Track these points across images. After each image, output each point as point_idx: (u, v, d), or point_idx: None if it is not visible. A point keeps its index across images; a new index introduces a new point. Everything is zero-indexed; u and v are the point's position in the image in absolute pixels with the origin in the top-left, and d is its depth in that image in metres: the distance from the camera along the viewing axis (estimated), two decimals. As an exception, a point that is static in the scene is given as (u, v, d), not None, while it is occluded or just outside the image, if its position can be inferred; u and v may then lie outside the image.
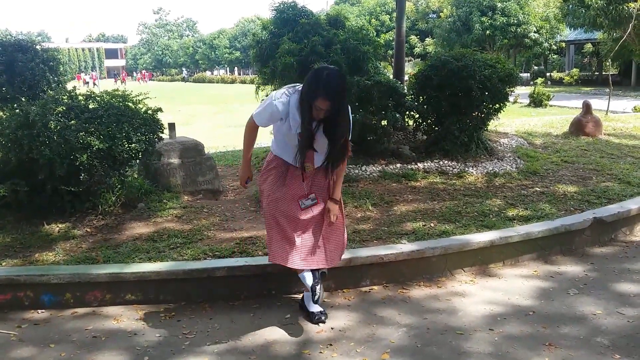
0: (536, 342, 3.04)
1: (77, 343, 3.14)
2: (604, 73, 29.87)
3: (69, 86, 6.34)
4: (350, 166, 6.00)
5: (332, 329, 3.23)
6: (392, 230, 4.43)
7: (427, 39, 34.11)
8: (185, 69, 78.00)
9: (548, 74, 34.42)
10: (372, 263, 3.77)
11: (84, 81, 50.35)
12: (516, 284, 3.82)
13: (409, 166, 6.24)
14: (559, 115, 13.35)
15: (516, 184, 5.83)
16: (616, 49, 17.73)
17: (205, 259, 3.87)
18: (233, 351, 3.02)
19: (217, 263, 3.72)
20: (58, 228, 4.56)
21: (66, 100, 4.82)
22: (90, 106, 4.79)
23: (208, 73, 74.79)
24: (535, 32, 28.07)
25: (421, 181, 5.89)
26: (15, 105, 5.30)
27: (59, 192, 4.55)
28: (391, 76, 7.51)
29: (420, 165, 6.28)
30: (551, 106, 17.16)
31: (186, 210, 5.09)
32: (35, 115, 4.39)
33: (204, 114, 20.54)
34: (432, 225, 4.53)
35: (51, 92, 6.65)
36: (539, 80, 22.40)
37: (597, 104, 13.45)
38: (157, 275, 3.58)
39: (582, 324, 3.24)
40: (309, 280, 3.18)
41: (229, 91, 38.37)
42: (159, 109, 5.14)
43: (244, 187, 3.62)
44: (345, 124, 3.04)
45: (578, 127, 8.85)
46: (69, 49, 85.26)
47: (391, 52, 26.96)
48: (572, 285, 3.78)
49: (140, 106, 5.02)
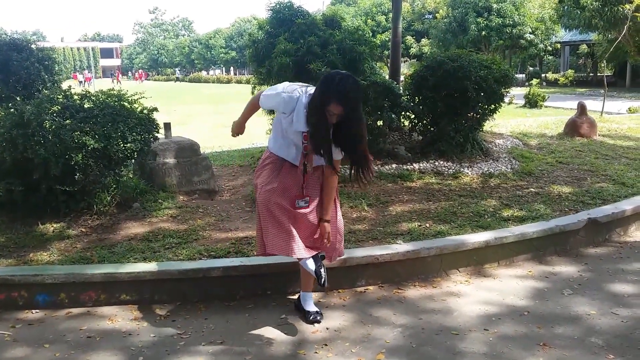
0: (531, 342, 3.05)
1: (71, 343, 3.13)
2: (598, 74, 30.00)
3: (65, 85, 6.31)
4: (346, 167, 5.98)
5: (327, 329, 3.23)
6: (387, 230, 4.44)
7: (423, 39, 34.20)
8: (178, 69, 77.57)
9: (543, 75, 34.54)
10: (367, 263, 3.77)
11: (79, 81, 50.20)
12: (511, 284, 3.83)
13: (404, 166, 6.25)
14: (554, 116, 13.38)
15: (511, 184, 5.85)
16: (611, 50, 17.78)
17: (201, 259, 3.87)
18: (228, 351, 3.02)
19: (213, 263, 3.72)
20: (53, 228, 4.55)
21: (61, 100, 4.80)
22: (86, 106, 4.79)
23: (204, 73, 74.69)
24: (530, 33, 28.21)
25: (417, 181, 5.90)
26: (10, 105, 5.28)
27: (54, 191, 4.53)
28: (387, 77, 7.52)
29: (416, 165, 6.29)
30: (546, 107, 17.21)
31: (182, 210, 5.08)
32: (30, 115, 4.38)
33: (199, 113, 20.50)
34: (427, 225, 4.54)
35: (46, 91, 6.63)
36: (534, 81, 22.44)
37: (592, 105, 13.49)
38: (152, 275, 3.57)
39: (577, 324, 3.25)
40: (311, 265, 3.14)
41: (224, 91, 38.32)
42: (155, 109, 5.14)
43: (233, 135, 3.58)
44: (363, 132, 3.02)
45: (573, 128, 8.88)
46: (64, 48, 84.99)
47: (387, 52, 26.97)
48: (567, 286, 3.79)
49: (136, 106, 5.01)
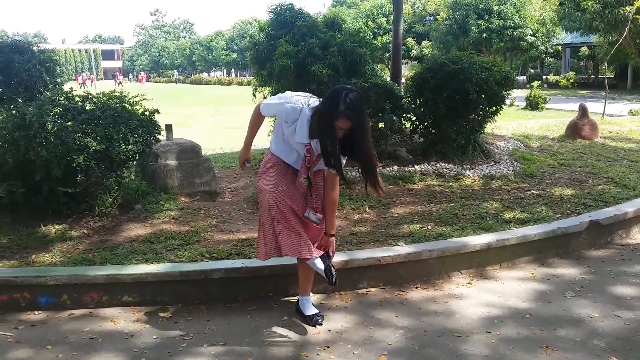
0: (533, 344, 3.04)
1: (74, 344, 3.13)
2: (600, 76, 29.99)
3: (66, 87, 6.32)
4: (348, 168, 5.99)
5: (329, 330, 3.23)
6: (389, 232, 4.43)
7: (424, 41, 34.21)
8: (177, 71, 77.45)
9: (544, 77, 34.56)
10: (369, 265, 3.77)
11: (80, 83, 50.22)
12: (513, 287, 3.83)
13: (406, 168, 6.25)
14: (555, 118, 13.38)
15: (513, 186, 5.84)
16: (612, 52, 17.80)
17: (202, 260, 3.87)
18: (230, 353, 3.02)
19: (214, 265, 3.72)
20: (55, 229, 4.55)
21: (63, 102, 4.80)
22: (87, 107, 4.79)
23: (205, 75, 74.68)
24: (531, 35, 28.22)
25: (418, 183, 5.90)
26: (12, 106, 5.29)
27: (56, 193, 4.53)
28: (388, 79, 7.52)
29: (417, 167, 6.29)
30: (547, 109, 17.22)
31: (183, 211, 5.08)
32: (32, 116, 4.38)
33: (201, 115, 20.53)
34: (429, 227, 4.54)
35: (48, 93, 6.63)
36: (536, 83, 22.49)
37: (593, 107, 13.50)
38: (154, 276, 3.57)
39: (579, 326, 3.25)
40: (320, 264, 3.17)
41: (226, 93, 38.35)
42: (156, 111, 5.14)
43: (242, 168, 3.61)
44: (369, 144, 3.02)
45: (574, 130, 8.87)
46: (65, 50, 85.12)
47: (388, 54, 27.05)
48: (569, 288, 3.79)
49: (137, 107, 5.02)
